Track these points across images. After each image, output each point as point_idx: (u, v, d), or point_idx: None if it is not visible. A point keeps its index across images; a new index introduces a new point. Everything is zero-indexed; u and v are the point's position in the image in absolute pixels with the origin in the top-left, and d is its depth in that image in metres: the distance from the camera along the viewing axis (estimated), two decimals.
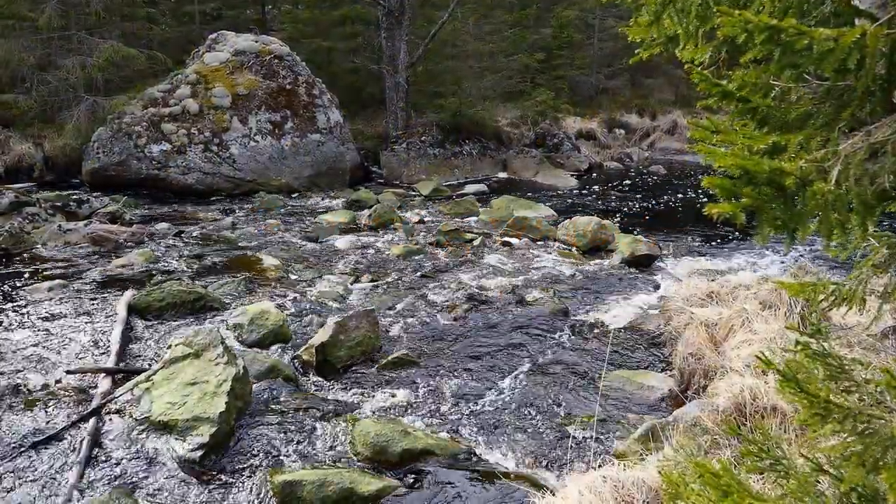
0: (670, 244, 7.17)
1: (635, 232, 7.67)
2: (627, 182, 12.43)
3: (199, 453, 2.95)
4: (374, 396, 3.63)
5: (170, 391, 3.28)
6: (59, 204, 7.66)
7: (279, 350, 4.09)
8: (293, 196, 9.86)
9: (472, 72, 13.89)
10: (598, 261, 6.49)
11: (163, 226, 7.42)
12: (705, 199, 10.30)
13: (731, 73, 1.09)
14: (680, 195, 10.81)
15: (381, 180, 11.97)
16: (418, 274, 5.81)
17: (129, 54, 10.64)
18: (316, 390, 3.70)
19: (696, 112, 16.28)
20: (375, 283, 5.55)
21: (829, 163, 0.95)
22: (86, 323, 4.38)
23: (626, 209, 9.64)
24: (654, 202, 10.25)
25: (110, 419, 3.25)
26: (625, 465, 2.44)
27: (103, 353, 3.96)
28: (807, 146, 1.00)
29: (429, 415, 3.45)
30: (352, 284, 5.49)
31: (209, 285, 5.14)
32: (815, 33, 0.88)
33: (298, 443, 3.11)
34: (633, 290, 5.50)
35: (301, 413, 3.35)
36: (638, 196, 10.79)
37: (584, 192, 11.33)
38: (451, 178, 12.27)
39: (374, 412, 3.44)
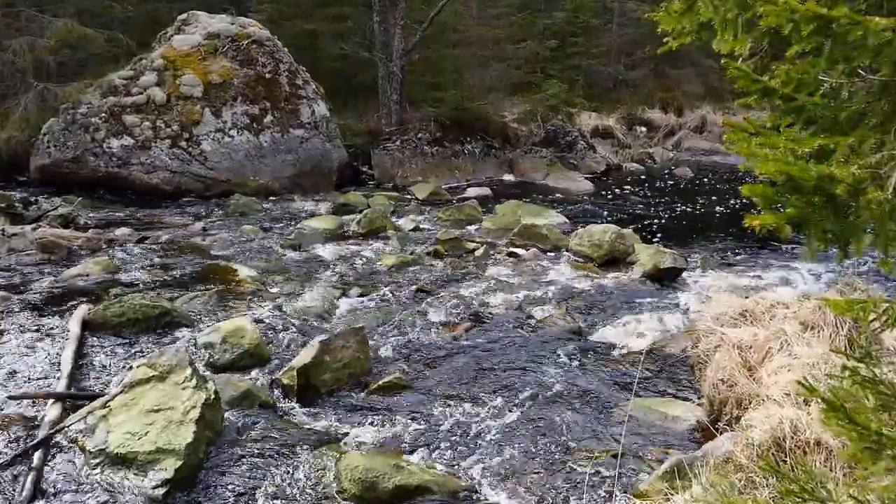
0: (698, 256, 7.20)
1: (658, 242, 7.69)
2: (649, 186, 12.49)
3: (163, 490, 2.94)
4: (362, 425, 3.62)
5: (129, 419, 3.27)
6: (1, 205, 7.65)
7: (256, 373, 4.09)
8: (273, 199, 9.88)
9: (476, 61, 14.00)
10: (615, 274, 6.51)
11: (123, 231, 7.41)
12: (738, 205, 10.36)
13: (775, 67, 1.10)
14: (709, 201, 10.86)
15: (372, 182, 12.01)
16: (413, 287, 5.81)
17: (86, 35, 10.67)
18: (297, 418, 3.69)
19: (729, 108, 16.40)
20: (365, 298, 5.55)
21: (885, 168, 0.96)
22: (32, 341, 4.36)
23: (647, 217, 9.68)
24: (679, 209, 10.29)
25: (59, 452, 3.23)
26: None
27: (52, 376, 3.95)
28: (860, 150, 1.02)
29: (425, 446, 3.44)
30: (338, 299, 5.49)
31: (176, 299, 5.14)
32: (870, 23, 0.89)
33: (277, 478, 3.10)
34: (655, 307, 5.51)
35: (280, 444, 3.34)
36: (662, 202, 10.84)
37: (600, 196, 11.38)
38: (450, 180, 12.31)
39: (362, 443, 3.44)
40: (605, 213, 9.91)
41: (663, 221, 9.40)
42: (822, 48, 0.95)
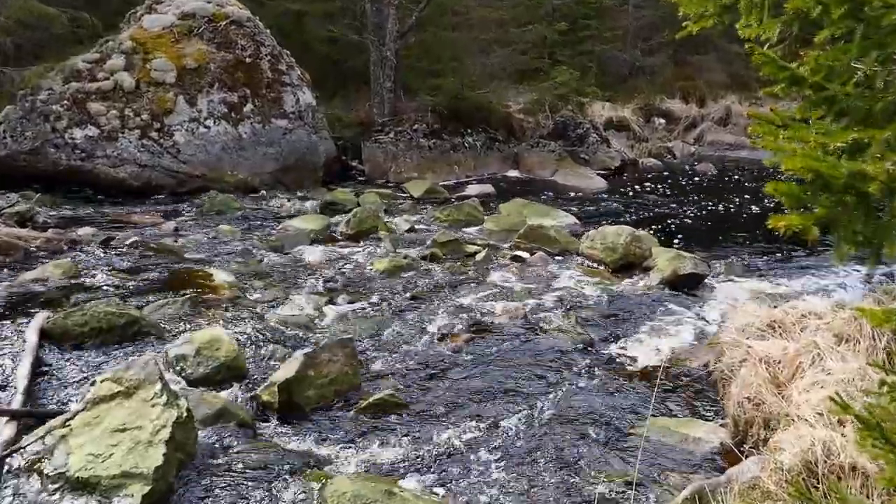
0: (722, 261, 7.22)
1: (678, 246, 7.70)
2: (669, 183, 12.52)
3: None
4: (351, 447, 3.63)
5: (92, 440, 3.27)
6: None
7: (233, 388, 4.09)
8: (253, 196, 9.89)
9: (477, 45, 14.03)
10: (630, 281, 6.51)
11: (87, 231, 7.41)
12: (767, 206, 10.38)
13: (804, 53, 1.11)
14: (735, 200, 10.89)
15: (363, 178, 12.03)
16: (407, 295, 5.82)
17: (47, 14, 10.68)
18: (278, 439, 3.69)
19: (756, 98, 16.45)
20: (354, 306, 5.56)
21: None
22: None
23: (666, 217, 9.70)
24: (702, 209, 10.32)
25: (14, 475, 3.23)
26: None
27: (6, 392, 3.95)
28: (895, 144, 1.02)
29: (420, 471, 3.44)
30: (325, 307, 5.50)
31: (145, 306, 5.14)
32: None
33: None
34: (674, 317, 5.53)
35: (259, 468, 3.35)
36: (682, 201, 10.86)
37: (614, 195, 11.40)
38: (448, 176, 12.34)
39: (351, 467, 3.44)
40: (620, 213, 9.93)
41: (684, 223, 9.43)
42: (854, 33, 0.96)
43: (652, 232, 8.19)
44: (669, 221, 9.45)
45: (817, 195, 1.03)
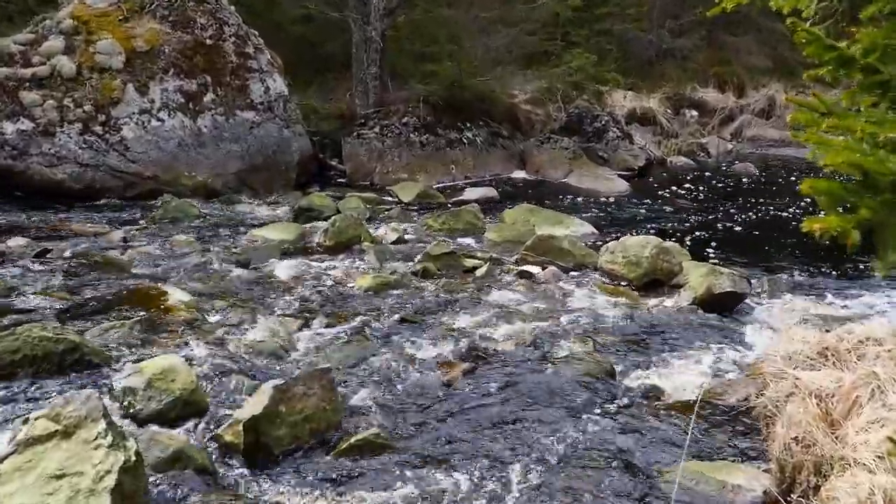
0: (764, 277, 7.25)
1: (714, 259, 7.74)
2: (702, 186, 12.59)
3: None
4: (329, 496, 3.61)
5: (24, 488, 3.25)
6: None
7: (190, 427, 4.08)
8: (214, 201, 9.91)
9: (477, 24, 14.12)
10: (657, 301, 6.53)
11: (18, 242, 7.40)
12: (817, 212, 10.43)
13: (854, 31, 1.12)
14: (780, 206, 10.95)
15: (344, 179, 12.09)
16: (395, 317, 5.83)
17: None
18: (244, 487, 3.68)
19: (803, 86, 16.55)
20: (333, 330, 5.57)
21: None
22: None
23: (699, 226, 9.75)
24: (741, 216, 10.37)
25: None
26: None
27: None
28: None
29: None
30: (299, 332, 5.50)
31: (87, 331, 5.13)
32: None
33: None
34: (709, 343, 5.54)
35: None
36: (718, 207, 10.92)
37: (638, 200, 11.46)
38: (444, 177, 12.40)
39: None
40: (645, 221, 9.98)
41: (720, 233, 9.47)
42: None
43: (683, 243, 8.23)
44: (703, 231, 9.49)
45: (861, 194, 1.04)
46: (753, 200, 11.38)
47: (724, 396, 4.61)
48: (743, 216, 10.35)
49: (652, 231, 8.98)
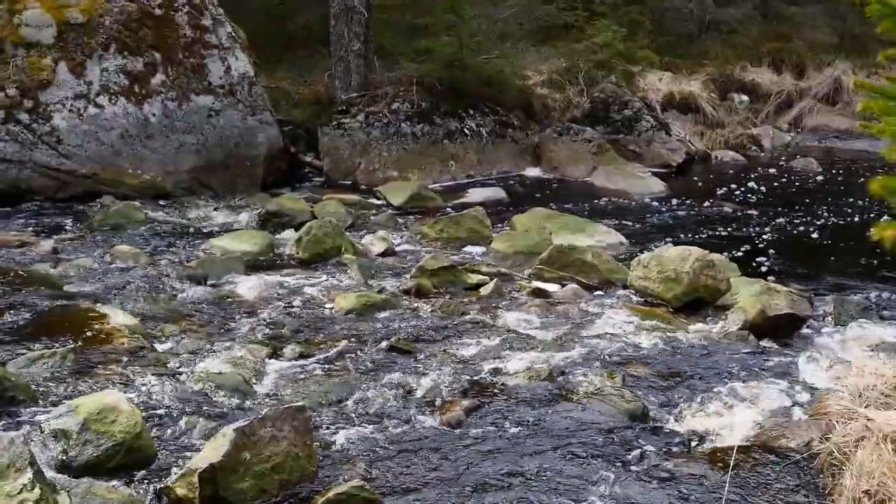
0: (830, 297, 7.23)
1: (768, 276, 7.73)
2: (754, 186, 12.60)
3: None
4: None
5: None
6: None
7: (135, 478, 4.07)
8: (164, 203, 9.92)
9: None
10: (700, 325, 6.53)
11: None
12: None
13: None
14: (848, 210, 10.95)
15: (321, 178, 12.10)
16: (384, 344, 5.83)
17: None
18: None
19: (877, 68, 16.54)
20: (308, 361, 5.57)
21: None
22: None
23: (751, 235, 9.76)
24: (801, 223, 10.38)
25: None
26: None
27: None
28: None
29: None
30: (266, 361, 5.51)
31: (10, 361, 5.13)
32: None
33: None
34: (761, 377, 5.53)
35: None
36: (773, 212, 10.92)
37: (676, 203, 11.47)
38: (442, 175, 12.41)
39: None
40: (685, 228, 9.97)
41: (775, 243, 9.46)
42: None
43: (731, 256, 8.22)
44: (755, 241, 9.49)
45: None
46: (816, 204, 11.38)
47: (781, 441, 4.61)
48: (803, 223, 10.35)
49: (693, 240, 8.97)
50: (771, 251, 9.06)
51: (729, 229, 10.00)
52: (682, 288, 6.86)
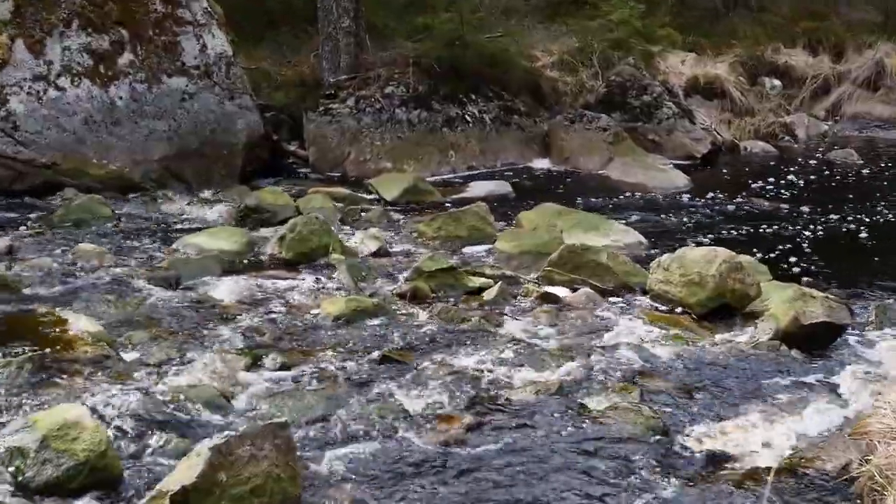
0: (870, 303, 7.24)
1: (802, 279, 7.72)
2: (787, 180, 12.60)
3: None
4: None
5: None
6: None
7: (99, 500, 4.07)
8: (133, 196, 9.90)
9: None
10: (727, 334, 6.52)
11: None
12: None
13: None
14: (890, 207, 10.93)
15: (306, 169, 12.09)
16: (375, 354, 5.82)
17: None
18: None
19: None
20: (291, 373, 5.56)
21: None
22: None
23: (783, 235, 9.75)
24: (839, 222, 10.38)
25: None
26: None
27: None
28: None
29: None
30: (245, 372, 5.51)
31: None
32: None
33: None
34: (795, 392, 5.54)
35: None
36: (808, 209, 10.92)
37: (700, 199, 11.47)
38: (441, 167, 12.41)
39: None
40: (710, 227, 9.97)
41: (810, 244, 9.46)
42: None
43: (761, 257, 8.21)
44: (788, 241, 9.48)
45: None
46: (856, 200, 11.37)
47: (816, 463, 4.60)
48: (842, 221, 10.33)
49: (719, 240, 8.96)
50: (806, 252, 9.05)
51: (759, 228, 9.98)
52: (706, 293, 6.85)
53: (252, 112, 11.44)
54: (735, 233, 9.70)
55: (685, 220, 10.35)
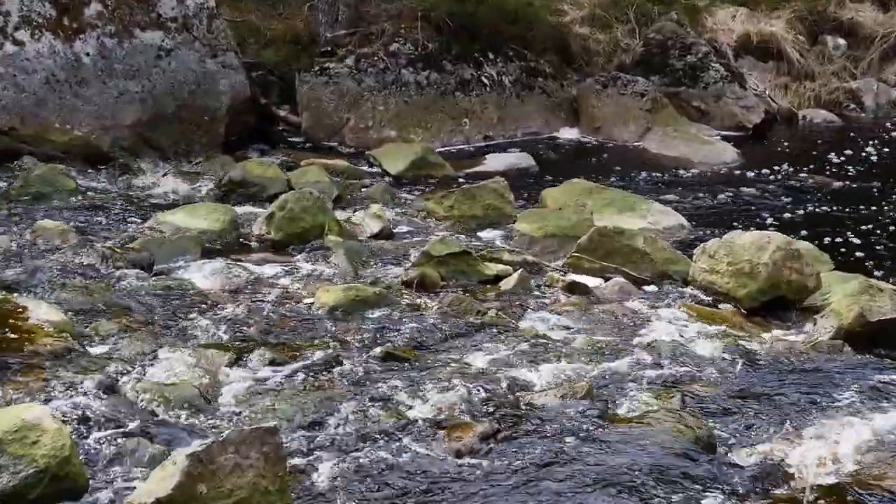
0: None
1: (868, 270, 7.69)
2: (850, 154, 12.54)
3: None
4: None
5: None
6: None
7: None
8: (100, 168, 9.91)
9: None
10: (781, 331, 6.52)
11: None
12: None
13: None
14: None
15: (299, 138, 12.06)
16: (377, 350, 5.83)
17: None
18: None
19: None
20: (280, 370, 5.56)
21: None
22: None
23: (847, 218, 9.71)
24: None
25: None
26: None
27: None
28: None
29: None
30: (228, 369, 5.51)
31: None
32: None
33: None
34: (860, 398, 5.51)
35: None
36: (876, 188, 10.90)
37: (752, 175, 11.44)
38: (453, 136, 12.41)
39: None
40: (763, 208, 9.94)
41: (878, 229, 9.42)
42: None
43: (821, 244, 8.18)
44: (853, 225, 9.44)
45: None
46: None
47: (885, 482, 4.60)
48: None
49: (773, 223, 8.94)
50: (873, 239, 9.02)
51: (819, 210, 9.96)
52: (758, 284, 6.85)
53: (237, 72, 11.42)
54: (791, 215, 9.67)
55: (734, 200, 10.32)
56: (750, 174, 11.41)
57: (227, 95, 11.19)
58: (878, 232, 9.23)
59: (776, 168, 11.64)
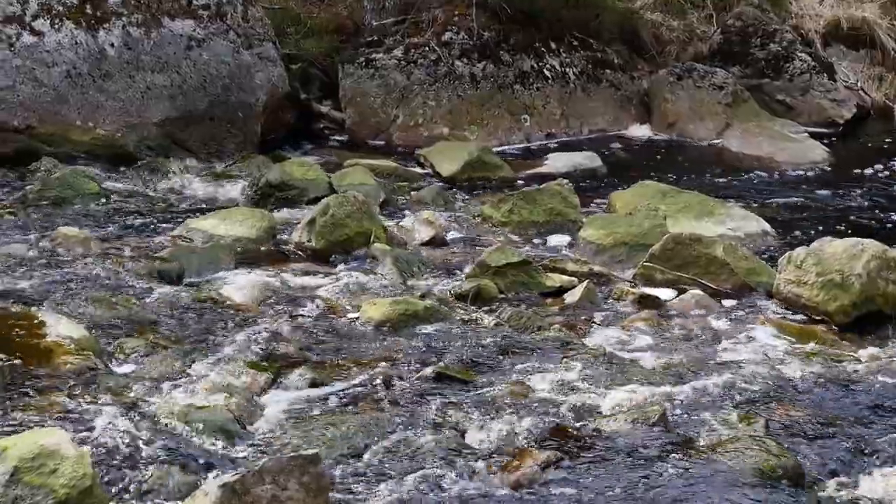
0: None
1: None
2: None
3: None
4: None
5: None
6: None
7: None
8: (126, 169, 9.98)
9: None
10: (877, 350, 6.45)
11: None
12: None
13: None
14: None
15: (342, 137, 12.07)
16: (428, 370, 5.82)
17: None
18: None
19: None
20: (322, 391, 5.58)
21: None
22: None
23: None
24: None
25: None
26: None
27: None
28: None
29: None
30: (265, 392, 5.53)
31: None
32: None
33: None
34: None
35: None
36: None
37: (844, 177, 11.34)
38: (511, 134, 12.40)
39: None
40: (856, 212, 9.86)
41: None
42: None
43: None
44: None
45: None
46: None
47: None
48: None
49: (867, 230, 8.85)
50: None
51: None
52: (850, 297, 6.79)
53: (275, 64, 11.46)
54: (887, 221, 9.57)
55: (823, 203, 10.23)
56: (841, 175, 11.31)
57: (263, 90, 11.23)
58: None
59: (870, 168, 11.54)
